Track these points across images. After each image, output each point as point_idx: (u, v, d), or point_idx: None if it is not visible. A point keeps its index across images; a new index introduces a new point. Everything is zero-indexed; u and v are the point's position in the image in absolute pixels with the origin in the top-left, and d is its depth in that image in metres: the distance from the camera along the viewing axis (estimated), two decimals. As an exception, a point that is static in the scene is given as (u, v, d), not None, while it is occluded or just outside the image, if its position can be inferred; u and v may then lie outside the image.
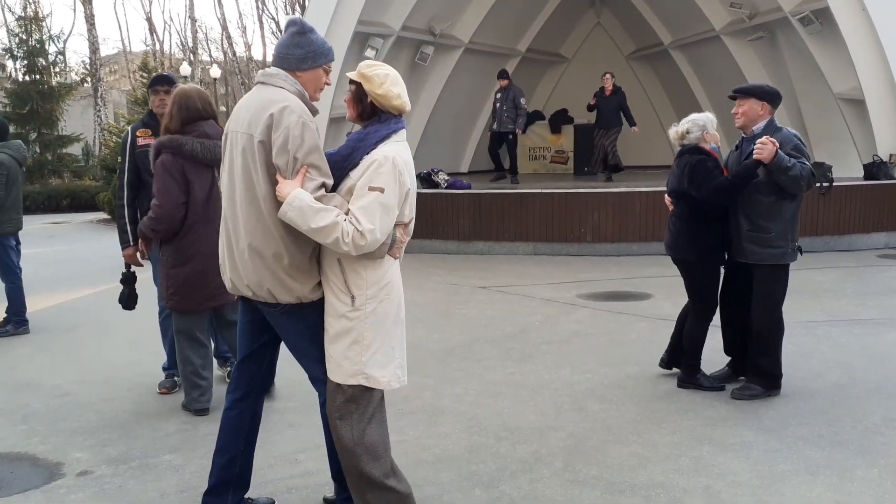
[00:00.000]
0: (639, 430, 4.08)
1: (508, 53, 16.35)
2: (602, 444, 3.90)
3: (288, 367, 5.32)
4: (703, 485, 3.42)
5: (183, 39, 40.46)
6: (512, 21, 15.73)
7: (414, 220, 2.95)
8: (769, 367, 4.61)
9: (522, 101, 12.34)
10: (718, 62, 14.60)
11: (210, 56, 42.41)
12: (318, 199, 2.69)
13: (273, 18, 44.49)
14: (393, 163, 2.71)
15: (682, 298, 5.00)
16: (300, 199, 2.66)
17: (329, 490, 3.43)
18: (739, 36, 13.87)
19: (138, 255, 4.95)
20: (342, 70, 12.33)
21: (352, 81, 2.85)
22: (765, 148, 4.28)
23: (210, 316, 4.68)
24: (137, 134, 4.88)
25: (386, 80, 2.79)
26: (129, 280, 4.95)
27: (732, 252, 4.66)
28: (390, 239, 2.77)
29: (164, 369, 5.02)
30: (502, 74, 12.47)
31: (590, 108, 13.13)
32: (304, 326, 2.91)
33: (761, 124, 4.57)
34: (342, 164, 2.80)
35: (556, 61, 18.08)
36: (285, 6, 39.39)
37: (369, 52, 12.76)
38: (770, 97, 4.59)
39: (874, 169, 10.64)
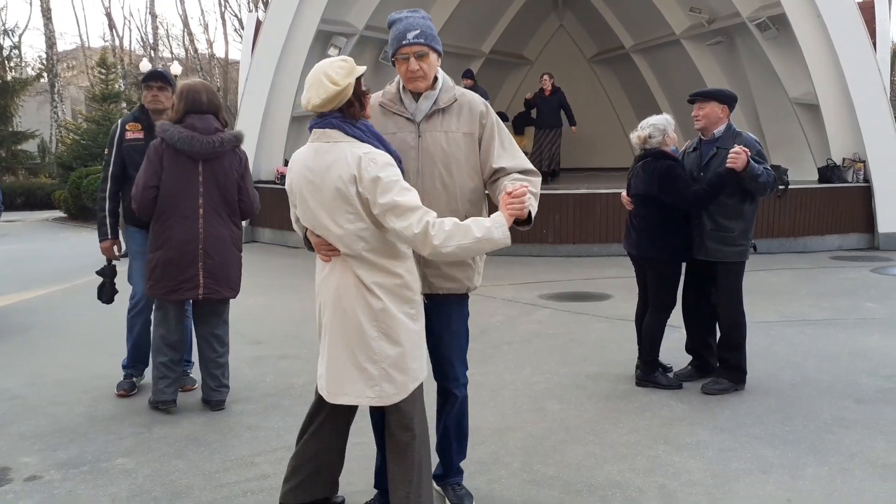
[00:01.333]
0: (596, 430, 4.12)
1: (472, 54, 16.38)
2: (560, 444, 3.92)
3: (246, 369, 5.30)
4: (659, 484, 3.46)
5: (143, 35, 39.75)
6: (476, 22, 15.76)
7: (314, 229, 2.76)
8: (737, 361, 4.74)
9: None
10: (678, 66, 14.83)
11: (171, 53, 41.78)
12: None
13: (235, 15, 43.99)
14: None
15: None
16: None
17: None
18: (699, 40, 14.10)
19: (115, 248, 4.86)
20: (304, 69, 12.26)
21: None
22: (739, 158, 4.43)
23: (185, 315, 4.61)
24: (126, 127, 4.79)
25: None
26: (107, 273, 4.87)
27: (694, 251, 4.75)
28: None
29: (123, 367, 4.89)
30: (467, 74, 12.44)
31: (527, 105, 13.22)
32: None
33: (721, 127, 4.70)
34: None
35: (520, 63, 18.16)
36: (248, 3, 38.98)
37: (332, 52, 12.70)
38: (729, 100, 4.74)
39: (828, 172, 10.89)
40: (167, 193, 4.24)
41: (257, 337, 6.24)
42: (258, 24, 13.77)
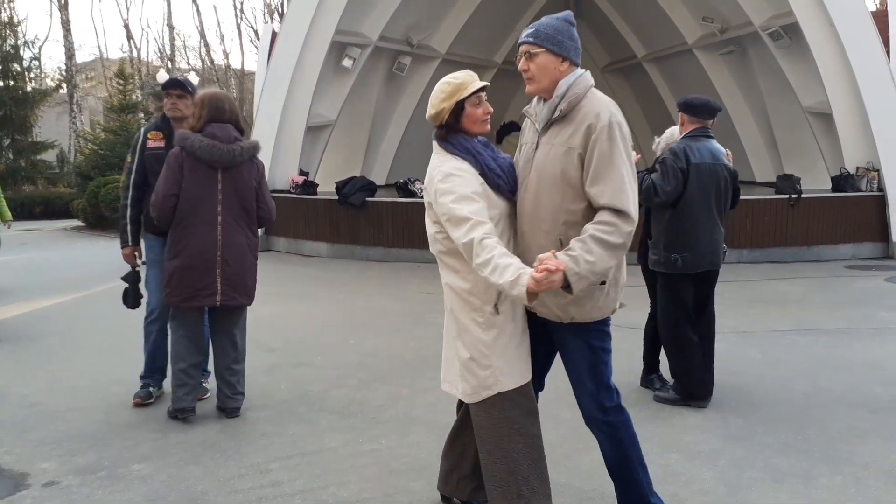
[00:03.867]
0: (609, 439, 4.12)
1: (485, 65, 16.46)
2: (573, 452, 3.94)
3: (262, 376, 5.35)
4: (671, 492, 3.46)
5: (160, 47, 40.21)
6: (488, 33, 15.85)
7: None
8: (673, 371, 4.75)
9: None
10: (690, 75, 14.83)
11: (188, 63, 42.16)
12: None
13: (251, 27, 44.43)
14: None
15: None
16: None
17: (300, 499, 3.44)
18: (711, 50, 14.11)
19: (136, 255, 4.92)
20: (318, 79, 12.37)
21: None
22: None
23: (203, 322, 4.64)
24: (149, 136, 4.86)
25: None
26: (131, 279, 4.91)
27: None
28: None
29: (141, 377, 4.93)
30: None
31: None
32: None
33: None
34: None
35: (533, 73, 18.22)
36: (264, 15, 39.33)
37: (346, 62, 12.81)
38: (681, 107, 4.73)
39: (842, 181, 10.85)
40: (187, 201, 4.29)
41: (273, 344, 6.28)
42: (274, 35, 13.92)
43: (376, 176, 14.29)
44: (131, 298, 4.93)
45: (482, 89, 2.83)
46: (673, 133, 4.91)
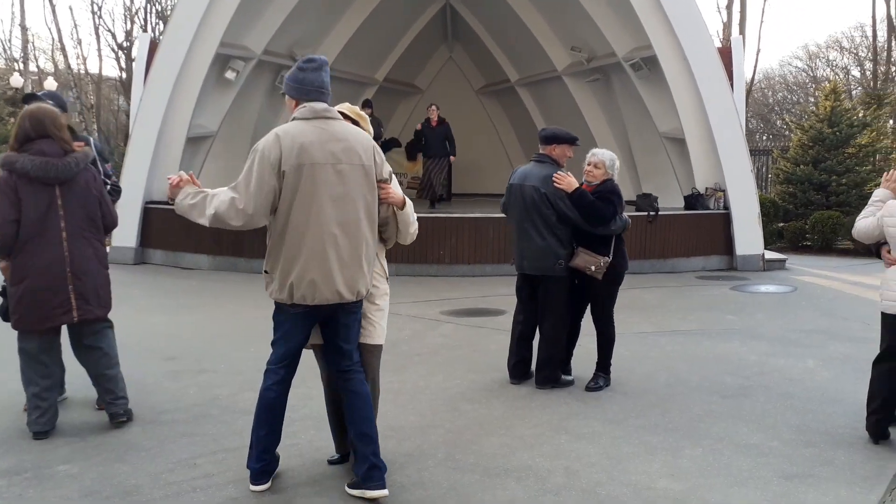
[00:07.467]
0: (507, 425, 4.63)
1: (367, 82, 16.85)
2: (476, 437, 4.40)
3: (168, 382, 5.47)
4: (564, 466, 4.00)
5: (7, 48, 37.53)
6: (371, 51, 16.25)
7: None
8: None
9: (382, 130, 12.84)
10: (559, 100, 15.88)
11: (37, 67, 39.65)
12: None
13: (110, 31, 42.59)
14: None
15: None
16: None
17: (234, 488, 3.68)
18: (578, 77, 15.18)
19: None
20: (201, 91, 12.31)
21: (346, 116, 3.81)
22: None
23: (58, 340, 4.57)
24: None
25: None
26: (6, 293, 4.86)
27: None
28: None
29: None
30: (367, 104, 12.90)
31: (416, 135, 13.94)
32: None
33: None
34: None
35: (412, 92, 18.80)
36: (123, 19, 37.79)
37: (230, 74, 12.81)
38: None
39: (693, 200, 12.05)
40: (29, 223, 4.20)
41: (171, 353, 6.36)
42: (153, 44, 13.67)
43: (258, 189, 14.34)
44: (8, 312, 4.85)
45: None
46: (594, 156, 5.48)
